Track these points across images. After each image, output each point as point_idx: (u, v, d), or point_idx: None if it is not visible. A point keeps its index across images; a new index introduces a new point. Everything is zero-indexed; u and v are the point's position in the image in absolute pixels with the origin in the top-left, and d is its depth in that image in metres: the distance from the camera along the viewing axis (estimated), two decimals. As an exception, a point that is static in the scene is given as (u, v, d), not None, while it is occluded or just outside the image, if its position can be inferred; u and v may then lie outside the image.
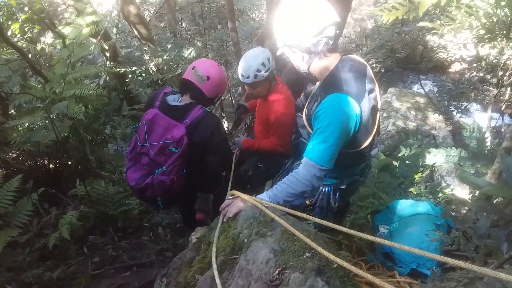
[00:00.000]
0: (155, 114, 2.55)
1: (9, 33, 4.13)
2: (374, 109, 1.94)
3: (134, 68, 4.89)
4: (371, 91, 1.91)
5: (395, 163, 4.27)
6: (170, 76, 4.93)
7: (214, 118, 2.68)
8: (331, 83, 1.86)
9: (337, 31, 1.85)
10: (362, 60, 1.99)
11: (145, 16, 10.02)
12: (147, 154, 2.58)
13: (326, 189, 2.26)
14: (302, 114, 2.09)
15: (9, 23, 4.33)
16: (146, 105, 2.83)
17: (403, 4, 2.14)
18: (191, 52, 5.29)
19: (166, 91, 2.71)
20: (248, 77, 2.82)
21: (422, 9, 2.03)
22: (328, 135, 1.77)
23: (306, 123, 2.03)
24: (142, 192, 2.59)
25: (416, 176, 3.63)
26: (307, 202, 2.30)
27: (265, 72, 2.80)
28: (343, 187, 2.24)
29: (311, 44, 1.82)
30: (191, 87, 2.62)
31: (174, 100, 2.64)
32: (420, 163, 4.21)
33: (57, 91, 3.19)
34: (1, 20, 4.25)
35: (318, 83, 2.05)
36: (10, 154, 3.64)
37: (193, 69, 2.62)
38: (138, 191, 2.60)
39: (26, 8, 4.45)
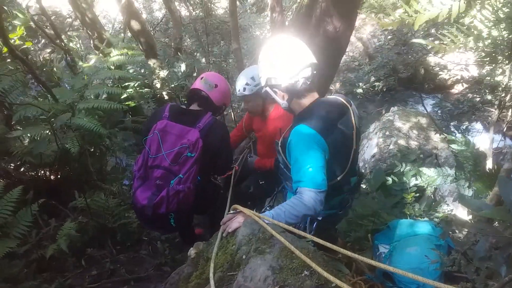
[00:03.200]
0: (166, 124, 2.57)
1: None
2: (345, 146, 2.05)
3: (137, 83, 4.96)
4: (345, 130, 2.02)
5: (388, 178, 4.24)
6: (167, 90, 5.04)
7: (223, 125, 2.81)
8: (302, 117, 2.00)
9: (314, 72, 2.02)
10: (345, 101, 2.11)
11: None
12: (160, 165, 2.54)
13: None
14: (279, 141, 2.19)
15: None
16: (149, 120, 2.81)
17: (403, 16, 2.27)
18: (181, 67, 5.43)
19: (172, 104, 2.78)
20: (239, 90, 2.95)
21: (418, 23, 2.13)
22: (310, 160, 1.85)
23: (280, 150, 2.12)
24: (155, 208, 2.52)
25: (409, 196, 3.60)
26: None
27: (254, 86, 2.89)
28: (319, 218, 2.26)
29: (289, 85, 1.99)
30: (199, 95, 2.73)
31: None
32: (413, 183, 4.16)
33: (60, 101, 3.22)
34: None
35: None
36: (12, 164, 3.64)
37: (201, 79, 2.76)
38: (152, 208, 2.52)
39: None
